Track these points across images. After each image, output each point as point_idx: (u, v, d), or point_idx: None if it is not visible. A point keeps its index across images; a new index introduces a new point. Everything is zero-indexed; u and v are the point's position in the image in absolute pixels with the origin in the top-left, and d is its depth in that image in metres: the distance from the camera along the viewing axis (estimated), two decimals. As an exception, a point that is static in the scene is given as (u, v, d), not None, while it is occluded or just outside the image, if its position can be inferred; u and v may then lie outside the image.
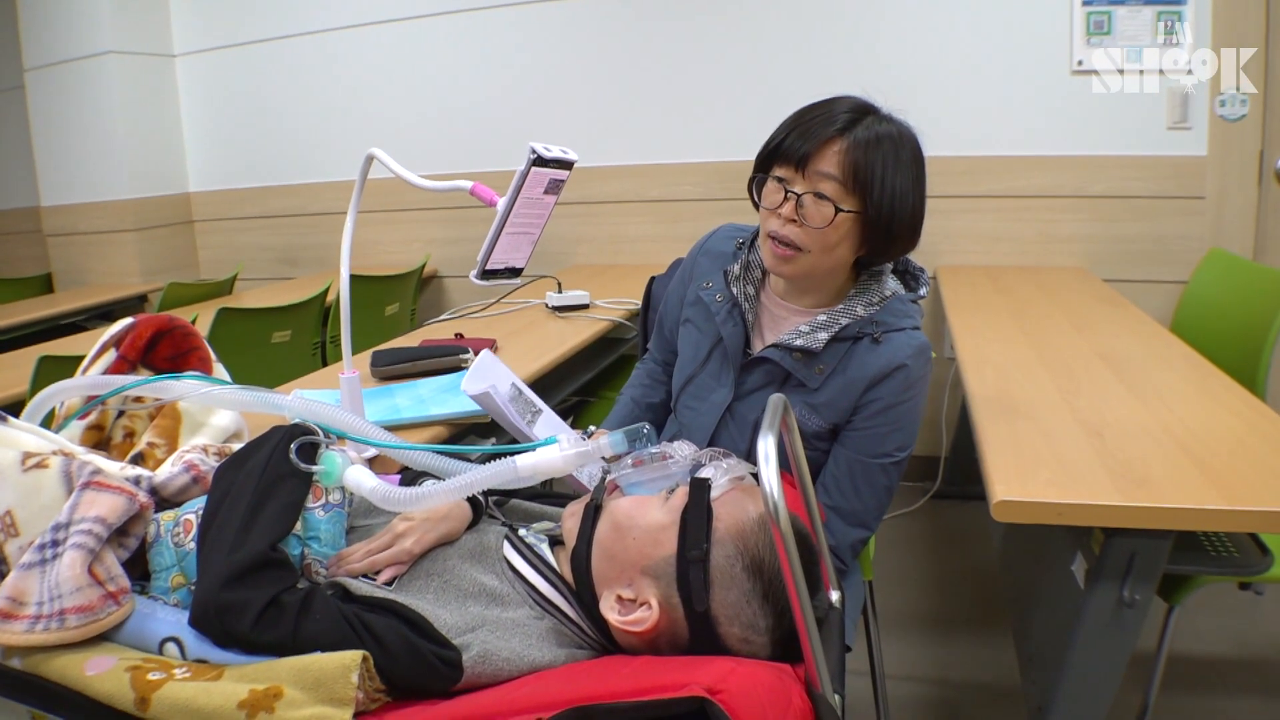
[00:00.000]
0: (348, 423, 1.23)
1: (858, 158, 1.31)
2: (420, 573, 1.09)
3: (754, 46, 3.53)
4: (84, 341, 2.87)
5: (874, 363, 1.40)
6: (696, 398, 1.56)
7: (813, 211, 1.33)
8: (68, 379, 1.40)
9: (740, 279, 1.53)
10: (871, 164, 1.31)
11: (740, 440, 1.50)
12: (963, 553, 3.05)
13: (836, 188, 1.32)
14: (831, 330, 1.42)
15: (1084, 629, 1.41)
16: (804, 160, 1.33)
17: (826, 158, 1.32)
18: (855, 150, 1.31)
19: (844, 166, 1.31)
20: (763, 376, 1.49)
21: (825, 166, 1.32)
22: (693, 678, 0.83)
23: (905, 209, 1.35)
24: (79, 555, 1.00)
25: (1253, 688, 2.20)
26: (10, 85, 4.72)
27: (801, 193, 1.34)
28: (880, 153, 1.31)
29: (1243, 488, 1.27)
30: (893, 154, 1.33)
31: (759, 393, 1.48)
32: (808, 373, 1.43)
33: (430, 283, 4.22)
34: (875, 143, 1.32)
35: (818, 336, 1.41)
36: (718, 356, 1.53)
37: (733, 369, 1.50)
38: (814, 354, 1.42)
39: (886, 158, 1.32)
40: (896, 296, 1.45)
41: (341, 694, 0.89)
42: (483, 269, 1.31)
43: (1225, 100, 3.09)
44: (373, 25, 4.12)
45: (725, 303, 1.53)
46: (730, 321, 1.52)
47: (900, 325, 1.42)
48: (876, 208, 1.32)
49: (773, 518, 0.82)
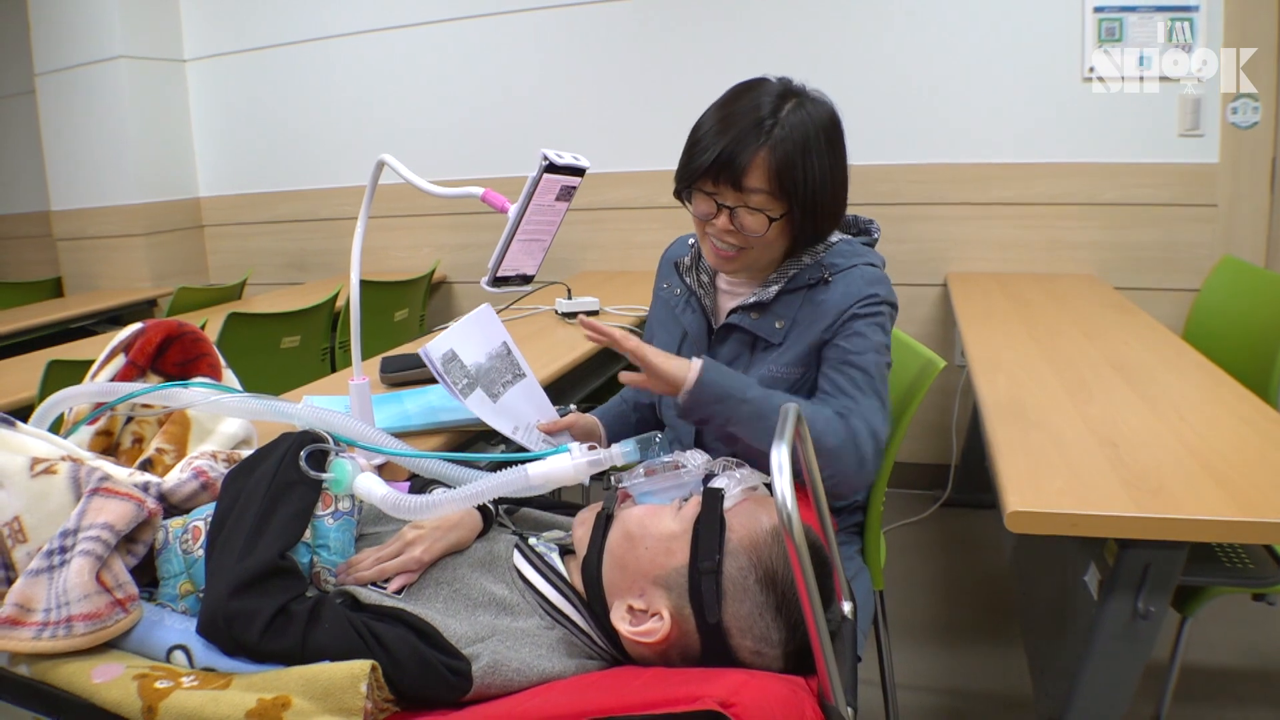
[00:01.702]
0: (357, 430, 1.23)
1: (781, 165, 1.34)
2: (430, 581, 1.09)
3: (765, 54, 3.52)
4: (93, 346, 2.87)
5: (829, 301, 1.43)
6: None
7: (748, 221, 1.38)
8: (76, 385, 1.40)
9: (692, 269, 1.59)
10: (794, 164, 1.34)
11: None
12: (973, 561, 3.03)
13: (765, 198, 1.36)
14: (782, 281, 1.46)
15: (1098, 640, 1.39)
16: (734, 176, 1.35)
17: (752, 173, 1.35)
18: (777, 158, 1.34)
19: (769, 176, 1.34)
20: (732, 348, 1.52)
21: (753, 182, 1.35)
22: (705, 690, 0.82)
23: (827, 195, 1.39)
24: (87, 562, 1.00)
25: (1265, 699, 2.18)
26: (21, 90, 4.74)
27: (734, 206, 1.38)
28: (801, 151, 1.34)
29: (1258, 498, 1.26)
30: (813, 147, 1.35)
31: (732, 365, 1.49)
32: (770, 329, 1.46)
33: (440, 288, 4.22)
34: (796, 143, 1.34)
35: (769, 290, 1.46)
36: (687, 349, 1.56)
37: (700, 352, 1.52)
38: (767, 306, 1.46)
39: (808, 154, 1.35)
40: (844, 240, 1.50)
41: (350, 704, 0.88)
42: (494, 276, 1.31)
43: (1237, 107, 3.07)
44: (384, 31, 4.12)
45: (683, 295, 1.59)
46: (689, 310, 1.58)
47: (850, 263, 1.46)
48: (803, 204, 1.37)
49: (787, 530, 0.81)
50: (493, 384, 1.55)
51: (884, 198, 3.43)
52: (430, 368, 1.48)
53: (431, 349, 1.48)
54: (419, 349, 1.51)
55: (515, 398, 1.58)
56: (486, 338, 1.58)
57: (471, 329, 1.56)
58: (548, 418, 1.60)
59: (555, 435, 1.58)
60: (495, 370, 1.56)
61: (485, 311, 1.60)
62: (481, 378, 1.53)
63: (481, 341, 1.57)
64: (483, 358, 1.55)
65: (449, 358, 1.49)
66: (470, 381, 1.51)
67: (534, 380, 1.62)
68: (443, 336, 1.50)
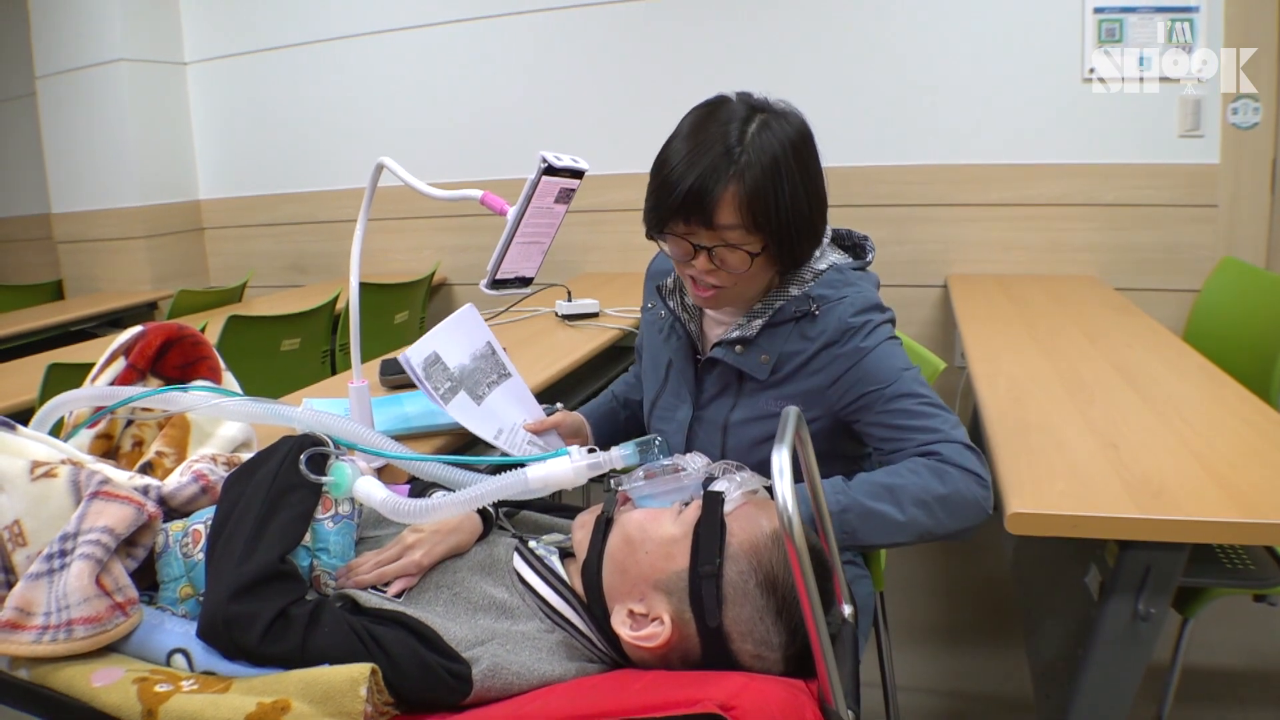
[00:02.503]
0: (356, 433, 1.23)
1: (752, 196, 1.26)
2: (430, 585, 1.09)
3: (766, 56, 3.52)
4: (94, 349, 2.86)
5: (817, 336, 1.36)
6: (663, 419, 1.53)
7: (729, 259, 1.31)
8: (77, 389, 1.40)
9: (675, 292, 1.52)
10: (765, 195, 1.26)
11: (713, 449, 1.45)
12: (973, 563, 3.03)
13: (740, 233, 1.28)
14: (765, 316, 1.39)
15: (1098, 642, 1.39)
16: (703, 216, 1.27)
17: (724, 210, 1.27)
18: (748, 190, 1.25)
19: (742, 212, 1.26)
20: (718, 381, 1.45)
21: (725, 218, 1.27)
22: (706, 693, 0.82)
23: (803, 219, 1.31)
24: (87, 565, 1.00)
25: (1266, 700, 2.18)
26: (22, 92, 4.75)
27: (711, 246, 1.30)
28: (771, 177, 1.26)
29: (1259, 500, 1.26)
30: (783, 170, 1.27)
31: (719, 399, 1.45)
32: (754, 364, 1.39)
33: (440, 290, 4.22)
34: (765, 169, 1.26)
35: (753, 324, 1.39)
36: (674, 375, 1.51)
37: (687, 383, 1.48)
38: (752, 341, 1.39)
39: (778, 179, 1.27)
40: (833, 268, 1.41)
41: (350, 707, 0.88)
42: (492, 279, 1.31)
43: (1238, 108, 3.07)
44: (384, 34, 4.13)
45: (667, 319, 1.52)
46: (673, 337, 1.51)
47: (839, 295, 1.37)
48: (779, 233, 1.29)
49: (788, 533, 0.81)
50: (477, 385, 1.55)
51: (884, 199, 3.43)
52: (410, 374, 1.47)
53: (413, 354, 1.47)
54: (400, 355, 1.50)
55: (500, 398, 1.57)
56: (470, 338, 1.57)
57: (454, 330, 1.56)
58: (534, 417, 1.59)
59: (542, 435, 1.57)
60: (480, 371, 1.56)
61: (468, 312, 1.60)
62: (465, 379, 1.53)
63: (465, 342, 1.57)
64: (466, 359, 1.55)
65: (431, 360, 1.49)
66: (454, 385, 1.51)
67: (519, 380, 1.62)
68: (425, 339, 1.50)
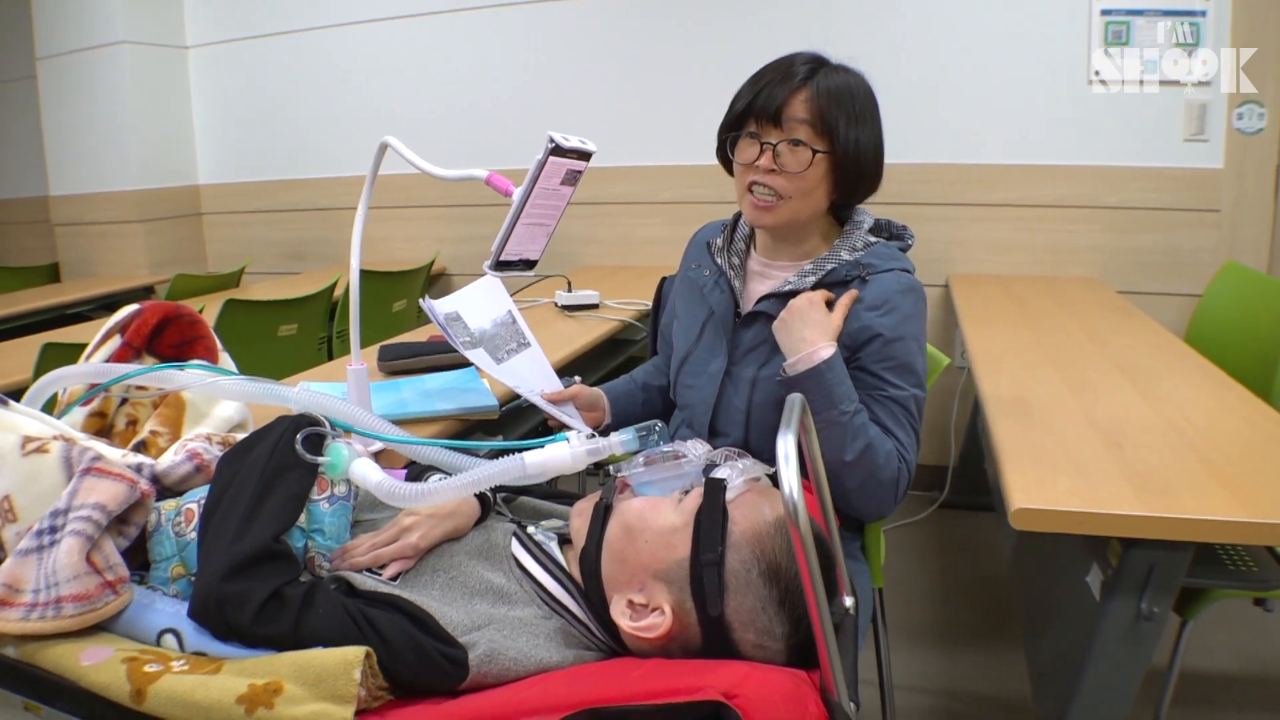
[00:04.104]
0: (354, 415, 1.21)
1: (823, 103, 1.40)
2: (426, 569, 1.07)
3: (770, 51, 3.46)
4: (89, 331, 2.84)
5: (863, 301, 1.43)
6: (693, 374, 1.57)
7: (789, 158, 1.41)
8: (71, 365, 1.38)
9: (724, 250, 1.60)
10: (835, 108, 1.40)
11: (739, 404, 1.49)
12: (971, 563, 3.02)
13: (809, 131, 1.40)
14: (818, 275, 1.47)
15: (1099, 642, 1.38)
16: (776, 112, 1.40)
17: (795, 105, 1.40)
18: (820, 97, 1.40)
19: (812, 111, 1.40)
20: (756, 334, 1.50)
21: (796, 113, 1.40)
22: (707, 681, 0.81)
23: (869, 147, 1.45)
24: (77, 542, 0.98)
25: (1264, 704, 2.18)
26: (22, 74, 4.71)
27: (777, 142, 1.41)
28: (841, 97, 1.41)
29: (1263, 500, 1.25)
30: (850, 98, 1.42)
31: (755, 351, 1.50)
32: None
33: (439, 280, 4.20)
34: (835, 89, 1.41)
35: (806, 281, 1.46)
36: (710, 329, 1.56)
37: (725, 335, 1.53)
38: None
39: (846, 102, 1.41)
40: (881, 243, 1.52)
41: (343, 691, 0.87)
42: (496, 260, 1.29)
43: (1243, 113, 3.06)
44: (386, 20, 4.10)
45: (712, 275, 1.59)
46: (718, 290, 1.57)
47: (888, 266, 1.47)
48: (844, 148, 1.41)
49: (793, 521, 0.79)
50: (496, 350, 1.53)
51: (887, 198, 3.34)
52: (432, 318, 1.47)
53: (436, 304, 1.46)
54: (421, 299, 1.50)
55: (519, 364, 1.56)
56: (494, 305, 1.56)
57: (477, 295, 1.54)
58: (552, 387, 1.58)
59: (559, 405, 1.56)
60: (500, 337, 1.54)
61: (492, 280, 1.58)
62: (485, 342, 1.51)
63: (488, 308, 1.56)
64: (487, 324, 1.54)
65: (453, 317, 1.48)
66: (473, 340, 1.49)
67: (539, 350, 1.60)
68: (448, 299, 1.49)
